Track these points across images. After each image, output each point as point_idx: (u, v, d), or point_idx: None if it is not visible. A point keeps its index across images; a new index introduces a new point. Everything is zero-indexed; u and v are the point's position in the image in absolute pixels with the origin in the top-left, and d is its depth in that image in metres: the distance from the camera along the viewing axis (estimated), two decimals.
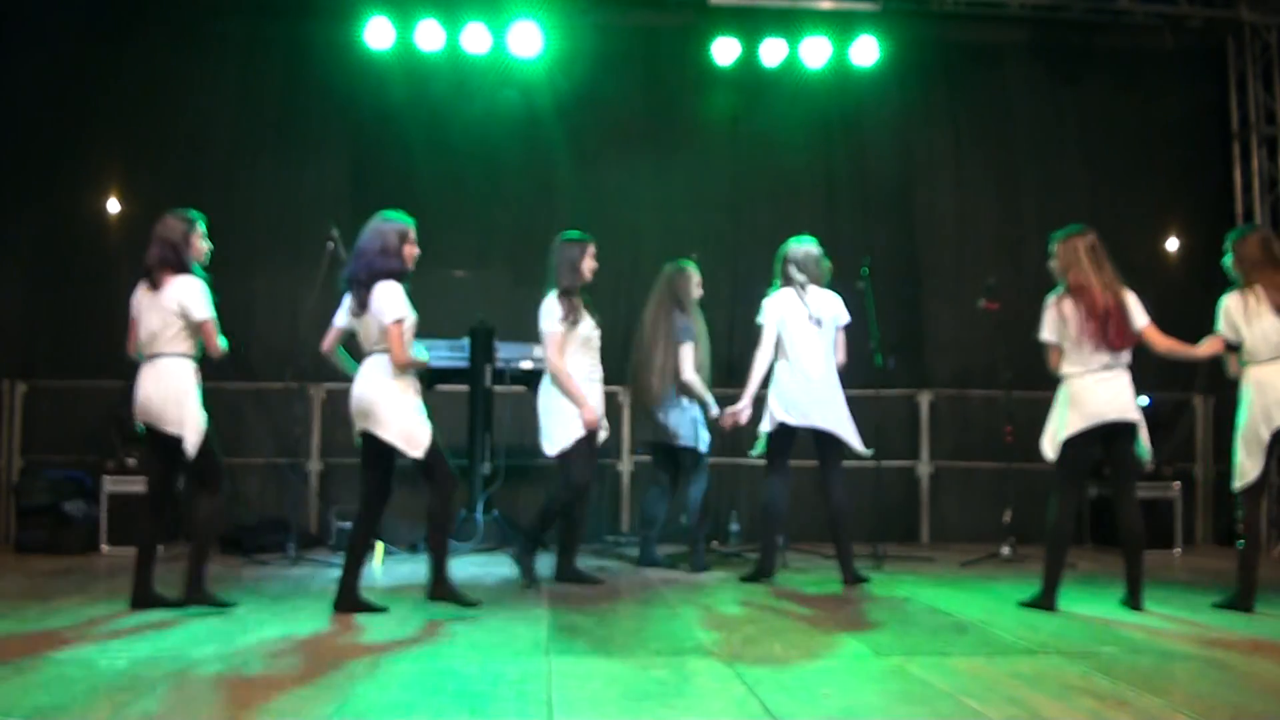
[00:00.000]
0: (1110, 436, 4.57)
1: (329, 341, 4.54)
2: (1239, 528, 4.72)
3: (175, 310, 4.31)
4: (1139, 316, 4.57)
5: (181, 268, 4.38)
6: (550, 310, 5.10)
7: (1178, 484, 7.08)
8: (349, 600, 4.39)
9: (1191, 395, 7.56)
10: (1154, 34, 7.77)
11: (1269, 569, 6.37)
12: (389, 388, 4.30)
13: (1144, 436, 4.58)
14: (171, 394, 4.27)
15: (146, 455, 4.44)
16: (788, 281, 5.34)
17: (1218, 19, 7.64)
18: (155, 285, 4.34)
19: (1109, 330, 4.48)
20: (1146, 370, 4.93)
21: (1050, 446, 4.63)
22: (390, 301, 4.29)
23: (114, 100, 7.31)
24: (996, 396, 6.72)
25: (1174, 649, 3.81)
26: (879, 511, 6.58)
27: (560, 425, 5.10)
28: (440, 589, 4.39)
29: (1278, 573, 6.28)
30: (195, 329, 4.34)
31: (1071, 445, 4.55)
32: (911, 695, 3.10)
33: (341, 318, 4.48)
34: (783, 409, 5.23)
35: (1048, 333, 4.61)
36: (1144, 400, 5.43)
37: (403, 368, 4.29)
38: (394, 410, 4.28)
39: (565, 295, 5.11)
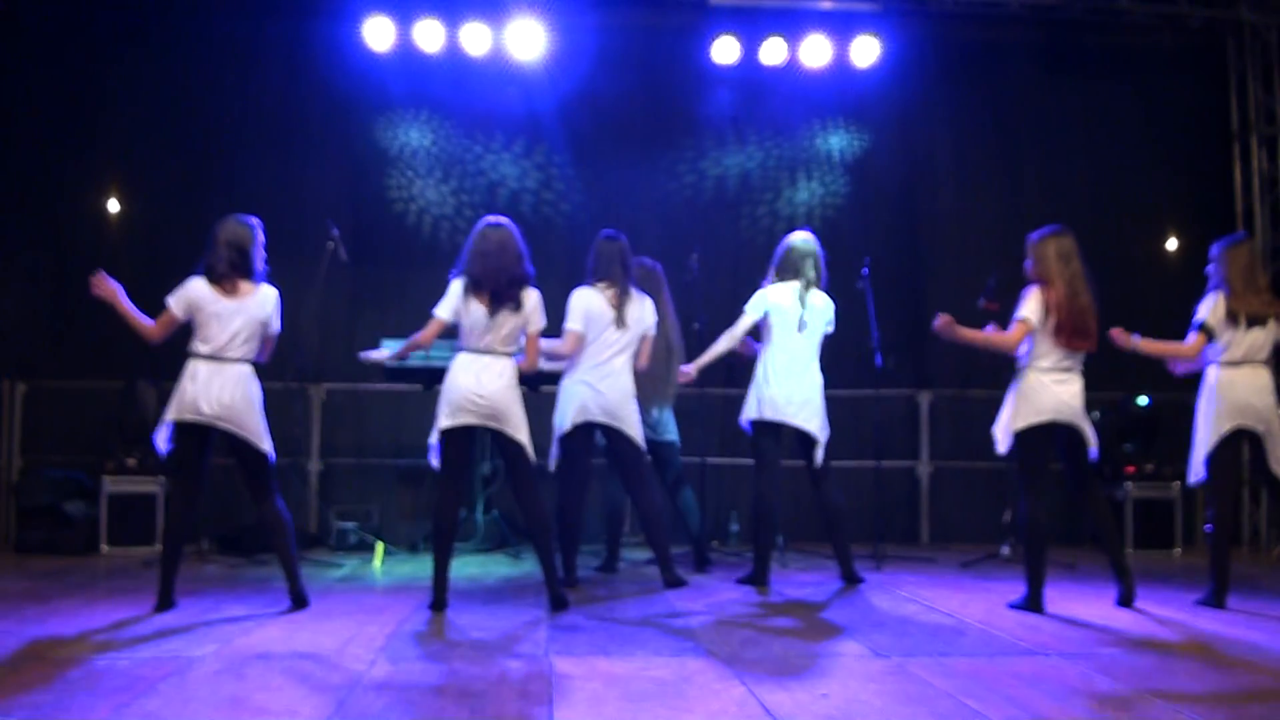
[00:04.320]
0: (1063, 439, 4.62)
1: (431, 336, 4.54)
2: (1205, 527, 4.78)
3: (262, 319, 4.44)
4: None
5: (251, 274, 4.45)
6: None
7: (1177, 484, 7.07)
8: (440, 602, 4.47)
9: (1191, 395, 7.54)
10: (1154, 34, 7.77)
11: (1269, 568, 6.40)
12: (518, 392, 4.53)
13: (1092, 442, 4.63)
14: (253, 402, 4.40)
15: (186, 454, 4.38)
16: (791, 275, 5.30)
17: (1218, 19, 7.63)
18: (228, 290, 4.38)
19: (1066, 330, 4.52)
20: (1147, 371, 4.95)
21: (1002, 438, 4.64)
22: (542, 309, 4.57)
23: (114, 100, 7.31)
24: (997, 396, 6.70)
25: (1174, 649, 3.81)
26: (879, 511, 6.58)
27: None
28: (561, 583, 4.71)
29: (1275, 571, 6.30)
30: (263, 338, 4.49)
31: (1030, 438, 4.56)
32: (911, 695, 3.10)
33: (447, 312, 4.50)
34: (757, 405, 5.21)
35: (1029, 311, 4.57)
36: (1144, 400, 5.45)
37: (531, 372, 4.66)
38: (523, 414, 4.53)
39: None
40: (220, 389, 4.31)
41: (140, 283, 5.07)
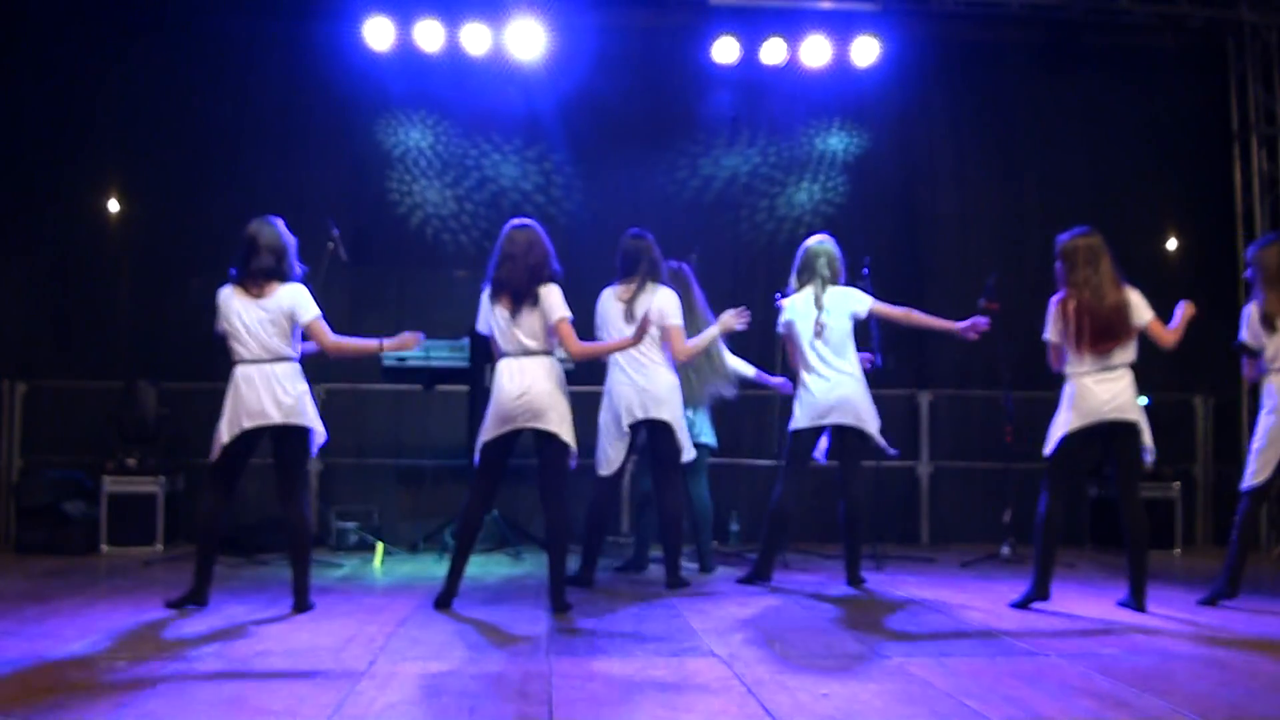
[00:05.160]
0: (1111, 436, 4.58)
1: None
2: (1237, 519, 4.75)
3: (286, 314, 4.40)
4: (1142, 313, 4.60)
5: (284, 277, 4.45)
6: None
7: (1178, 484, 7.08)
8: (448, 597, 4.52)
9: (1192, 396, 7.56)
10: (1154, 34, 7.77)
11: (1269, 568, 6.40)
12: (561, 389, 4.51)
13: (1147, 436, 4.58)
14: (302, 394, 4.41)
15: (234, 459, 4.40)
16: (808, 278, 5.26)
17: (1218, 19, 7.63)
18: (255, 294, 4.39)
19: (1087, 335, 4.51)
20: (1150, 370, 4.96)
21: (1050, 442, 4.65)
22: (561, 300, 4.49)
23: (114, 100, 7.31)
24: (996, 396, 6.72)
25: (1174, 649, 3.81)
26: (879, 511, 6.57)
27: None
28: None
29: (1274, 571, 6.30)
30: (295, 331, 4.46)
31: (1068, 443, 4.57)
32: (911, 695, 3.10)
33: (482, 325, 4.57)
34: (801, 414, 5.19)
35: (1050, 333, 4.64)
36: (1144, 400, 5.44)
37: (580, 358, 4.68)
38: (566, 411, 4.49)
39: None
40: (265, 391, 4.33)
41: (140, 283, 5.10)
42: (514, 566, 5.94)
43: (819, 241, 5.36)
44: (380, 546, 6.24)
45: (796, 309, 5.26)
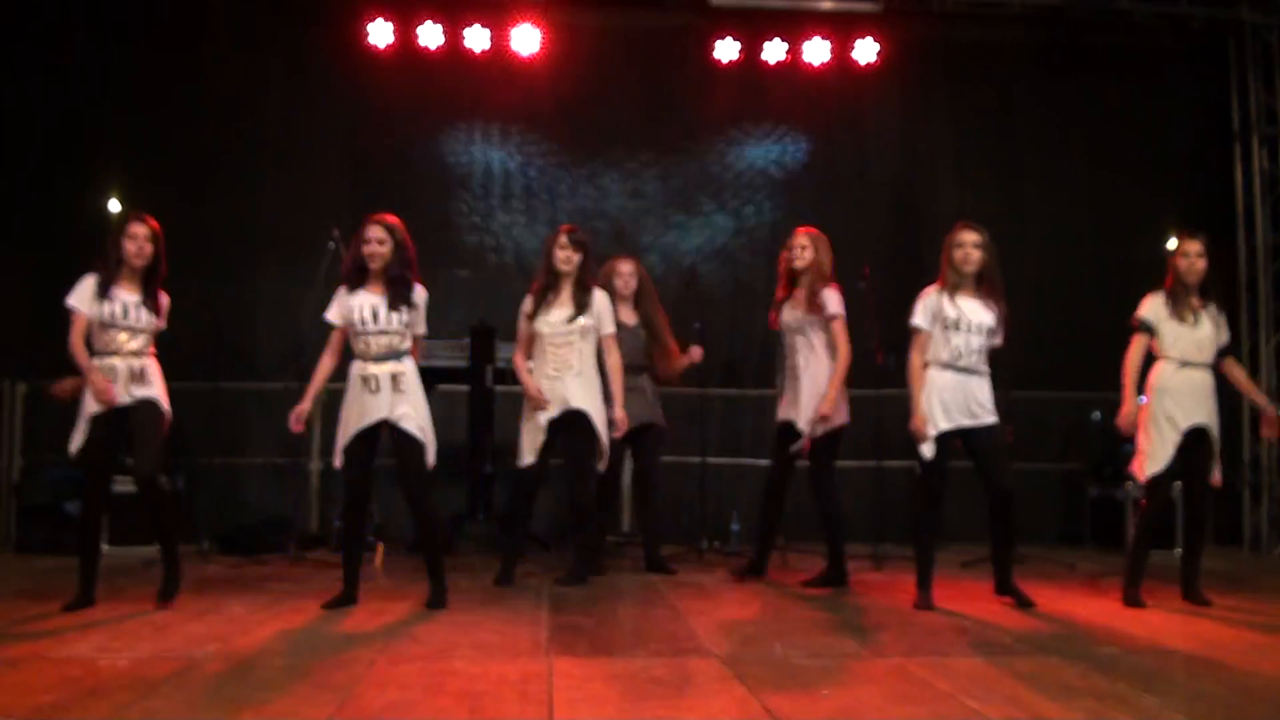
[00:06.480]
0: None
1: None
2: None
3: None
4: None
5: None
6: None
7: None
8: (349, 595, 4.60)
9: None
10: (1155, 34, 7.77)
11: (1270, 568, 6.40)
12: None
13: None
14: None
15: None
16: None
17: (1218, 19, 7.64)
18: None
19: None
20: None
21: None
22: None
23: (115, 100, 7.31)
24: (996, 397, 6.70)
25: (1174, 649, 3.81)
26: (879, 511, 6.57)
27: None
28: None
29: (1275, 571, 6.30)
30: None
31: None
32: (911, 695, 3.10)
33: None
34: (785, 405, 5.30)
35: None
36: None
37: None
38: None
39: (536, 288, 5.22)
40: None
41: None
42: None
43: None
44: (380, 546, 6.24)
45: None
